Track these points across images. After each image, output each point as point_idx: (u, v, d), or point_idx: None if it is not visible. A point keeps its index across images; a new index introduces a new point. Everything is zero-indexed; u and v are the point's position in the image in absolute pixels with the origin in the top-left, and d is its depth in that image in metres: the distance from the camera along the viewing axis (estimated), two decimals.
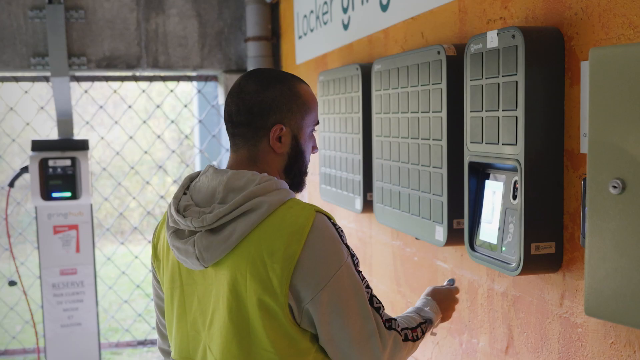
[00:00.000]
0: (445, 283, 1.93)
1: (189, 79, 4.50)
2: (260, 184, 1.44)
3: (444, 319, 1.79)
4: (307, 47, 3.71)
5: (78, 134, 4.43)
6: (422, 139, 2.16)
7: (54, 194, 4.06)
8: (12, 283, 4.16)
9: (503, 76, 1.68)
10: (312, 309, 1.39)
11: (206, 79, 4.63)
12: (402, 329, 1.56)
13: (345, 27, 3.07)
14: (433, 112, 2.08)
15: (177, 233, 1.48)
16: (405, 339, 1.55)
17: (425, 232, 2.17)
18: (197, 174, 1.57)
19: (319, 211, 1.45)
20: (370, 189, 2.68)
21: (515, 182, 1.71)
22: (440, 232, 2.07)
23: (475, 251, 1.87)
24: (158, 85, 4.47)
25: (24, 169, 4.08)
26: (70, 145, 4.13)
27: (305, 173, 1.62)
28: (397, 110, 2.33)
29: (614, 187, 0.99)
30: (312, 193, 3.80)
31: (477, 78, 1.80)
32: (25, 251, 4.75)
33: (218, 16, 4.38)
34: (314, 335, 1.45)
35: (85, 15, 4.18)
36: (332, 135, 3.04)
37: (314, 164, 3.69)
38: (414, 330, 1.60)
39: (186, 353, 1.55)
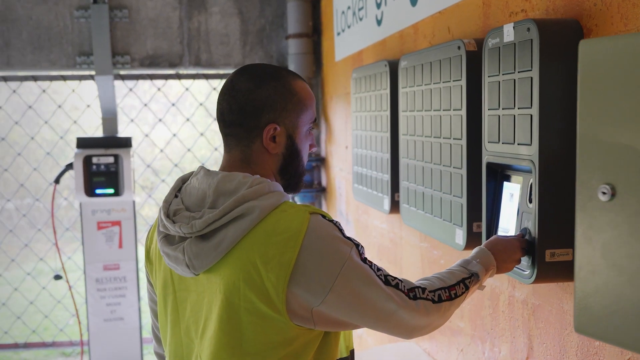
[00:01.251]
0: (518, 232, 1.67)
1: None
2: (252, 187, 1.37)
3: (502, 271, 1.60)
4: (345, 44, 3.65)
5: (123, 132, 4.49)
6: (443, 137, 2.08)
7: (97, 191, 4.13)
8: (57, 277, 4.26)
9: (518, 72, 1.59)
10: (325, 309, 1.33)
11: None
12: (433, 291, 1.45)
13: (379, 22, 3.00)
14: (454, 109, 1.99)
15: (168, 238, 1.42)
16: (439, 300, 1.44)
17: (446, 235, 2.08)
18: (190, 175, 1.50)
19: (314, 212, 1.37)
20: (398, 188, 2.61)
21: (532, 184, 1.61)
22: (460, 235, 1.98)
23: None
24: (200, 83, 4.49)
25: (69, 166, 4.16)
26: (114, 142, 4.19)
27: (302, 174, 1.54)
28: (422, 107, 2.25)
29: (603, 193, 0.90)
30: (349, 193, 3.74)
31: (494, 74, 1.71)
32: (74, 246, 4.87)
33: (259, 13, 4.36)
34: (315, 335, 1.38)
35: (129, 15, 4.24)
36: (364, 133, 2.98)
37: (350, 162, 3.62)
38: (452, 288, 1.48)
39: (179, 358, 1.49)
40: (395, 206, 2.63)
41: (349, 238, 1.38)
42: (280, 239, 1.31)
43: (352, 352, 1.53)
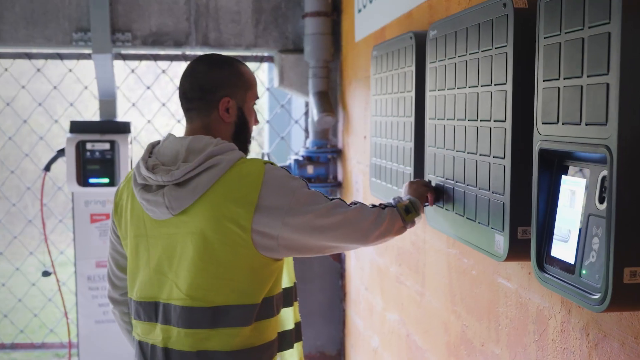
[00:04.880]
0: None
1: (242, 59, 4.11)
2: (218, 145, 1.69)
3: (425, 203, 1.98)
4: (366, 21, 3.24)
5: (123, 117, 4.13)
6: (481, 120, 1.67)
7: (91, 180, 3.77)
8: (46, 274, 3.91)
9: (590, 27, 1.18)
10: (287, 233, 1.65)
11: (261, 59, 4.23)
12: (365, 204, 1.82)
13: None
14: (496, 85, 1.58)
15: (146, 188, 1.70)
16: (372, 207, 1.82)
17: (482, 241, 1.68)
18: (158, 142, 1.79)
19: (267, 162, 1.71)
20: None
21: (604, 178, 1.20)
22: (500, 243, 1.57)
23: (545, 272, 1.37)
24: None
25: (61, 152, 3.81)
26: (110, 127, 3.82)
27: (249, 141, 1.87)
28: (454, 85, 1.84)
29: None
30: (367, 188, 3.34)
31: (553, 33, 1.30)
32: (67, 239, 4.51)
33: None
34: (276, 267, 1.71)
35: None
36: (384, 119, 2.57)
37: (366, 154, 3.22)
38: (381, 204, 1.86)
39: (150, 293, 1.74)
40: None
41: (300, 177, 1.74)
42: (245, 182, 1.65)
43: (295, 283, 1.90)
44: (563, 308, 1.50)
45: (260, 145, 4.91)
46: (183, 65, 4.16)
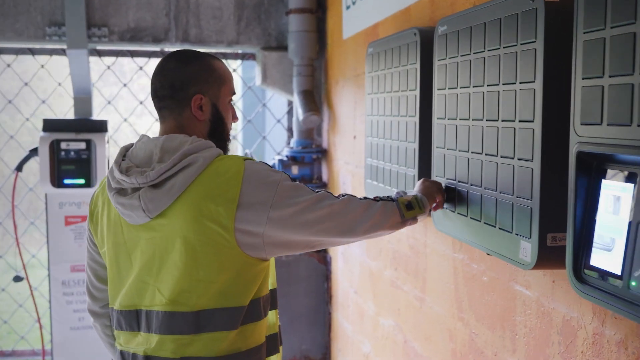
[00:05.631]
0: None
1: (223, 56, 3.98)
2: (193, 143, 1.61)
3: (433, 204, 1.89)
4: (356, 18, 3.15)
5: (98, 115, 3.96)
6: (503, 120, 1.59)
7: (66, 181, 3.60)
8: (17, 279, 3.72)
9: None
10: (273, 229, 1.58)
11: (242, 57, 4.11)
12: (353, 195, 1.75)
13: None
14: (522, 83, 1.50)
15: (120, 192, 1.62)
16: (360, 200, 1.73)
17: (504, 247, 1.59)
18: (131, 145, 1.71)
19: (247, 159, 1.63)
20: None
21: None
22: (527, 250, 1.49)
23: (584, 282, 1.29)
24: None
25: (33, 151, 3.63)
26: (86, 126, 3.66)
27: (227, 139, 1.78)
28: (468, 83, 1.76)
29: None
30: (357, 189, 3.25)
31: (595, 28, 1.22)
32: (39, 242, 4.32)
33: None
34: (261, 268, 1.64)
35: None
36: (382, 119, 2.48)
37: (359, 154, 3.13)
38: (367, 199, 1.76)
39: (132, 301, 1.67)
40: None
41: (278, 171, 1.66)
42: (224, 179, 1.57)
43: (275, 289, 1.80)
44: (595, 319, 1.43)
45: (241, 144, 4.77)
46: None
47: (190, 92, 1.67)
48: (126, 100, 4.68)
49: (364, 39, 3.07)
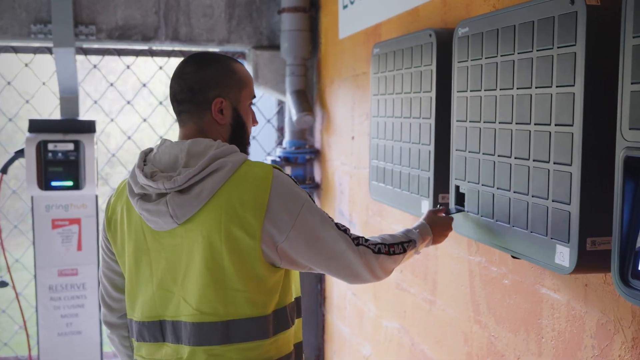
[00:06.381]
0: (453, 210, 1.95)
1: None
2: (219, 148, 1.58)
3: (435, 242, 1.92)
4: (355, 17, 3.13)
5: (84, 115, 3.87)
6: (536, 124, 1.58)
7: (54, 183, 3.51)
8: (2, 284, 3.61)
9: None
10: (287, 246, 1.57)
11: (232, 56, 4.05)
12: (374, 244, 1.72)
13: None
14: (559, 86, 1.49)
15: (144, 198, 1.59)
16: (378, 252, 1.71)
17: (536, 251, 1.58)
18: (150, 150, 1.68)
19: (274, 167, 1.60)
20: (445, 188, 2.10)
21: None
22: (565, 255, 1.48)
23: (631, 287, 1.29)
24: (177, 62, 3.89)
25: (19, 153, 3.52)
26: (74, 126, 3.56)
27: (248, 143, 1.75)
28: (494, 86, 1.75)
29: None
30: (355, 190, 3.22)
31: None
32: (23, 245, 4.20)
33: None
34: (280, 276, 1.62)
35: None
36: (390, 120, 2.46)
37: (357, 155, 3.11)
38: (391, 246, 1.75)
39: (154, 312, 1.63)
40: None
41: (302, 189, 1.64)
42: (252, 185, 1.54)
43: (299, 297, 1.77)
44: (635, 322, 1.43)
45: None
46: (149, 61, 3.95)
47: (210, 96, 1.64)
48: (110, 100, 4.57)
49: (363, 39, 3.05)
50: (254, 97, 1.75)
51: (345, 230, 1.66)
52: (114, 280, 1.80)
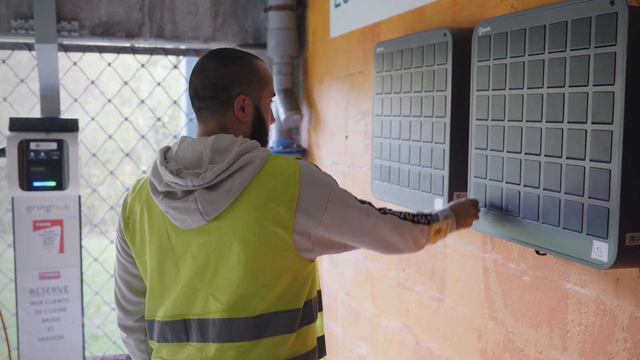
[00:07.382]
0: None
1: (196, 53, 3.87)
2: (243, 144, 1.57)
3: (460, 226, 1.95)
4: (350, 16, 3.13)
5: (64, 114, 3.76)
6: (569, 122, 1.60)
7: (36, 183, 3.41)
8: None
9: None
10: (322, 230, 1.59)
11: None
12: (399, 212, 1.79)
13: None
14: (596, 85, 1.52)
15: (169, 195, 1.57)
16: (404, 218, 1.78)
17: (569, 247, 1.61)
18: (168, 148, 1.66)
19: (298, 158, 1.62)
20: (460, 186, 2.12)
21: None
22: (603, 250, 1.51)
23: None
24: (163, 60, 3.83)
25: (0, 152, 3.41)
26: (58, 125, 3.46)
27: (267, 141, 1.75)
28: (521, 85, 1.77)
29: None
30: (350, 189, 3.22)
31: None
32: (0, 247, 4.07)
33: None
34: (311, 268, 1.65)
35: None
36: (395, 119, 2.47)
37: (352, 155, 3.10)
38: (415, 216, 1.82)
39: (178, 311, 1.61)
40: None
41: (328, 174, 1.66)
42: (281, 179, 1.55)
43: (320, 291, 1.79)
44: None
45: None
46: (130, 59, 3.86)
47: (233, 93, 1.63)
48: (91, 98, 4.46)
49: (359, 37, 3.05)
50: (274, 95, 1.76)
51: (369, 204, 1.71)
52: (130, 282, 1.77)
